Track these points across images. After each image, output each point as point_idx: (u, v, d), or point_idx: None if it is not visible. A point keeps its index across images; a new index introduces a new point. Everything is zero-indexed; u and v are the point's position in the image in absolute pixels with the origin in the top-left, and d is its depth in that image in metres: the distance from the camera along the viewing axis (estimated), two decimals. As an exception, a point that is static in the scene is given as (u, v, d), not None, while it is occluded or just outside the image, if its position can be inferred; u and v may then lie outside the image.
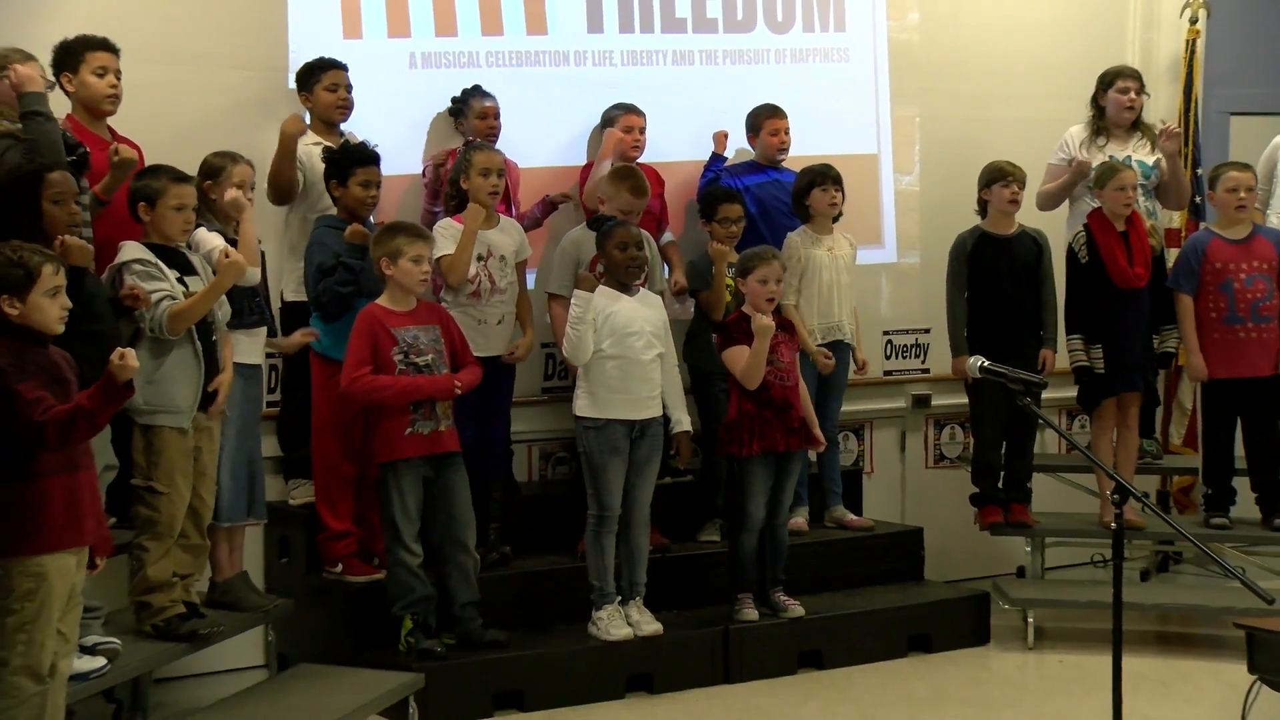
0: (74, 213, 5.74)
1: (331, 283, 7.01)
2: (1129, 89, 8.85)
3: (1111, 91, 8.87)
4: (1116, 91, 8.85)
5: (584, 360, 7.14)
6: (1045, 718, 6.92)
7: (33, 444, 4.77)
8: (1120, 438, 8.45)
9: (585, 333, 7.05)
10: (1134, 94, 8.87)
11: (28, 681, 4.92)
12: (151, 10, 7.47)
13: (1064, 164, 8.83)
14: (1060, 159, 8.89)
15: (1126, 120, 8.89)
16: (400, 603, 6.88)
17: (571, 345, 7.14)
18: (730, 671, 7.49)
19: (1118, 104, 8.85)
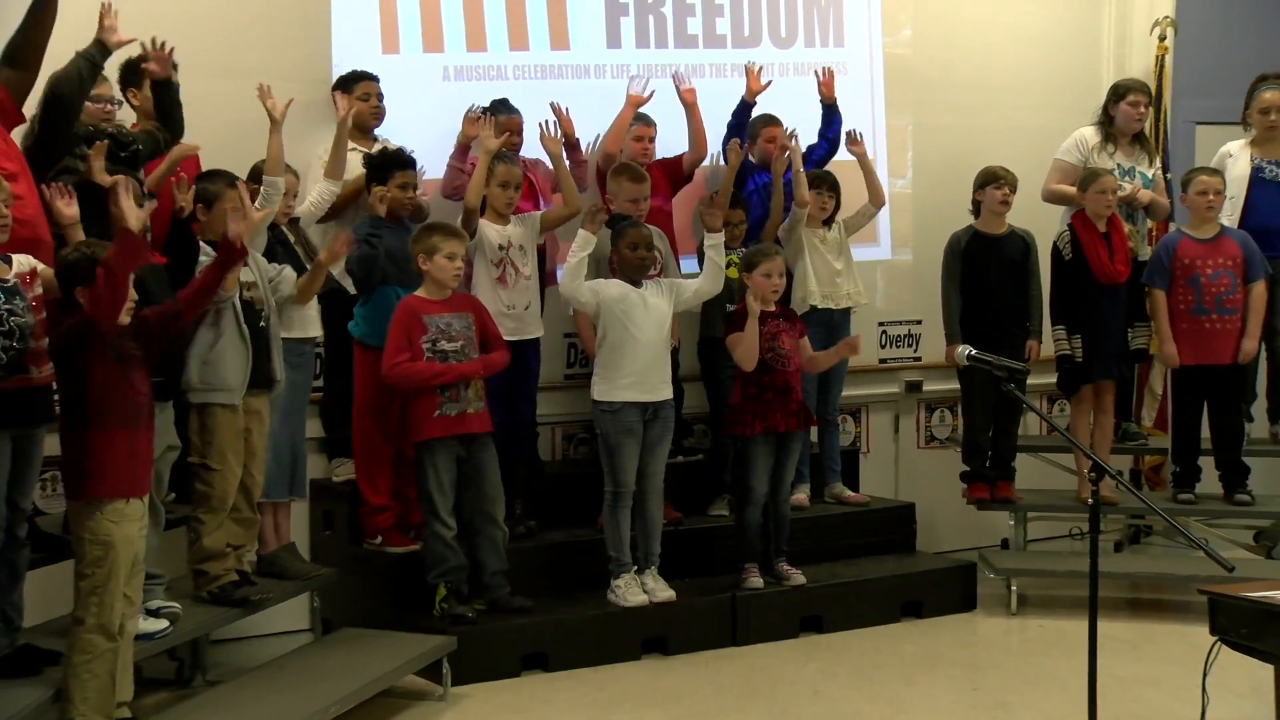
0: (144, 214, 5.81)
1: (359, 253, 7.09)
2: (1139, 102, 8.79)
3: (1123, 104, 8.80)
4: (1128, 104, 8.78)
5: (577, 294, 7.14)
6: (1027, 677, 6.89)
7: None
8: (1097, 421, 8.47)
9: (580, 264, 7.06)
10: (1143, 107, 8.82)
11: (101, 639, 5.01)
12: (209, 28, 7.48)
13: (1073, 162, 8.78)
14: (1071, 157, 8.85)
15: (1135, 130, 8.85)
16: (435, 571, 6.92)
17: (568, 273, 7.12)
18: (738, 635, 7.50)
19: (1128, 115, 8.79)
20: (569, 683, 6.90)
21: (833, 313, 8.28)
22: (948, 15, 9.80)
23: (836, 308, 8.29)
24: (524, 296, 7.49)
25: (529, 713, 6.47)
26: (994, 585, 8.31)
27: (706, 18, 9.00)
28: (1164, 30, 10.05)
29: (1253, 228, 8.55)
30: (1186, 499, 8.45)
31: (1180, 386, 8.59)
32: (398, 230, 7.18)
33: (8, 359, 5.19)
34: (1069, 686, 6.44)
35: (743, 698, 6.65)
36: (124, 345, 5.12)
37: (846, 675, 6.99)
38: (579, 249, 7.07)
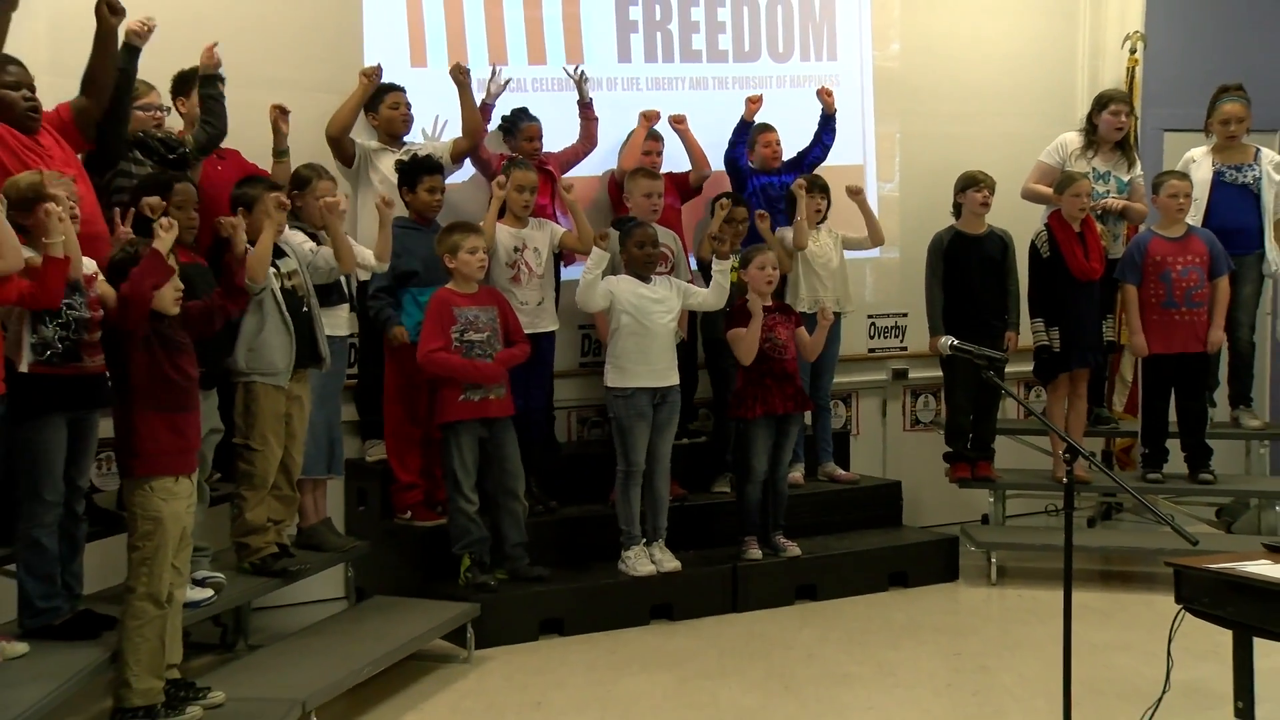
0: (192, 217, 5.84)
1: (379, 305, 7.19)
2: (1120, 111, 8.80)
3: (1105, 113, 8.80)
4: (1109, 113, 8.78)
5: (590, 306, 7.20)
6: (1006, 643, 6.88)
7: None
8: (1071, 406, 8.45)
9: (593, 284, 7.08)
10: (1124, 116, 8.82)
11: (151, 606, 5.01)
12: (253, 42, 7.47)
13: (1054, 165, 8.80)
14: (1052, 160, 8.87)
15: (1116, 138, 8.84)
16: (460, 543, 6.95)
17: (583, 288, 7.14)
18: (738, 602, 7.51)
19: (1109, 124, 8.79)
20: (583, 646, 6.91)
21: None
22: (933, 31, 9.78)
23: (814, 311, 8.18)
24: (537, 294, 7.50)
25: (546, 674, 6.46)
26: (975, 557, 8.32)
27: (710, 34, 8.99)
28: (1134, 44, 10.04)
29: (1214, 228, 8.54)
30: (1154, 478, 8.45)
31: (1149, 374, 8.56)
32: (425, 231, 7.18)
33: (64, 349, 5.21)
34: (1045, 651, 6.43)
35: (742, 660, 6.65)
36: (174, 333, 5.13)
37: (838, 640, 6.98)
38: (594, 266, 7.09)
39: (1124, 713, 5.37)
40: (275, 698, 5.35)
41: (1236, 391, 8.98)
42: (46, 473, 5.26)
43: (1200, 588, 4.76)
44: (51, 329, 5.17)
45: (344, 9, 7.92)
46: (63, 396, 5.24)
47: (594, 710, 5.93)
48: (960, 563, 8.30)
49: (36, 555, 5.33)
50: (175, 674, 5.18)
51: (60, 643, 5.27)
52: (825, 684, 6.26)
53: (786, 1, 9.22)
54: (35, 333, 5.12)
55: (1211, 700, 5.23)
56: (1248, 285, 8.71)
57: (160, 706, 5.04)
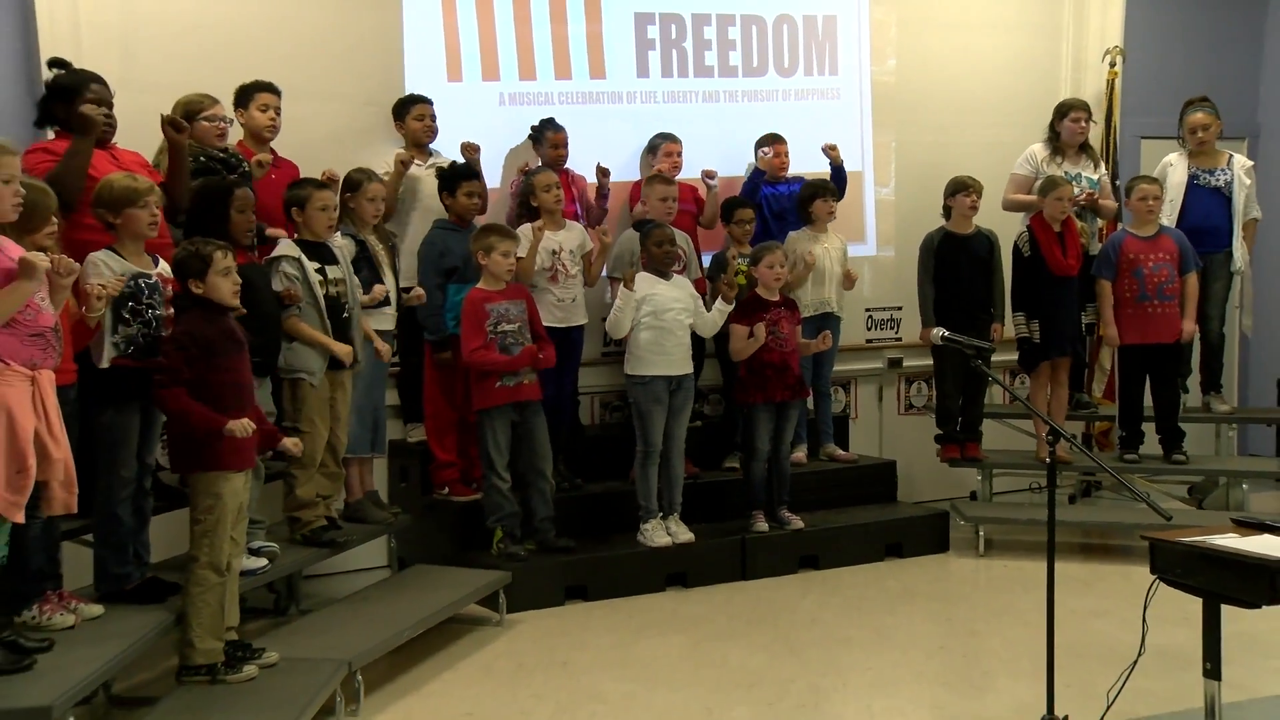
0: (250, 221, 5.85)
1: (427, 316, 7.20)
2: (1080, 118, 8.79)
3: (1066, 120, 8.79)
4: (1070, 120, 8.77)
5: (621, 334, 7.26)
6: (993, 610, 6.87)
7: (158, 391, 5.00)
8: (1053, 392, 8.43)
9: (624, 316, 7.14)
10: (1084, 122, 8.82)
11: (211, 574, 5.04)
12: (306, 60, 7.53)
13: (1028, 175, 8.78)
14: (1025, 170, 8.84)
15: (1078, 143, 8.83)
16: (493, 517, 6.97)
17: (613, 322, 7.24)
18: (746, 571, 7.51)
19: (1071, 130, 8.78)
20: (605, 610, 6.93)
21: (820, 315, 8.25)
22: (927, 47, 9.74)
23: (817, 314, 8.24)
24: (571, 291, 7.52)
25: (571, 635, 6.48)
26: (964, 531, 8.31)
27: (721, 51, 8.97)
28: (1114, 58, 9.99)
29: (1188, 227, 8.52)
30: (1131, 458, 8.44)
31: (1126, 362, 8.54)
32: (463, 233, 7.18)
33: (144, 343, 5.25)
34: (1029, 617, 6.45)
35: (750, 624, 6.65)
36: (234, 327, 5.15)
37: (838, 606, 6.99)
38: (624, 304, 7.15)
39: (1102, 674, 5.33)
40: (324, 658, 5.37)
41: (1207, 379, 8.95)
42: (123, 453, 5.32)
43: (1173, 559, 4.75)
44: (135, 326, 5.22)
45: (386, 30, 7.91)
46: (139, 386, 5.28)
47: (615, 669, 5.94)
48: (950, 535, 8.29)
49: (111, 527, 5.39)
50: (233, 635, 5.22)
51: (131, 606, 5.32)
52: (826, 646, 6.26)
53: (791, 21, 9.20)
54: (116, 332, 5.19)
55: (1182, 662, 5.23)
56: (1218, 281, 8.70)
57: (220, 665, 5.08)
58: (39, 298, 4.47)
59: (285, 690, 4.99)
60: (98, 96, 5.64)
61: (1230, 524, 5.00)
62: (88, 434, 5.21)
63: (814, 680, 5.74)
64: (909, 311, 9.09)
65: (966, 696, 5.51)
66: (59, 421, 4.54)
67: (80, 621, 5.07)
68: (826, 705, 5.42)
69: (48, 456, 4.45)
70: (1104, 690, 5.06)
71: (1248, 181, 8.72)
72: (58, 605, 5.07)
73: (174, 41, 7.10)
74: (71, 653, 4.75)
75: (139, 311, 5.24)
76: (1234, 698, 5.14)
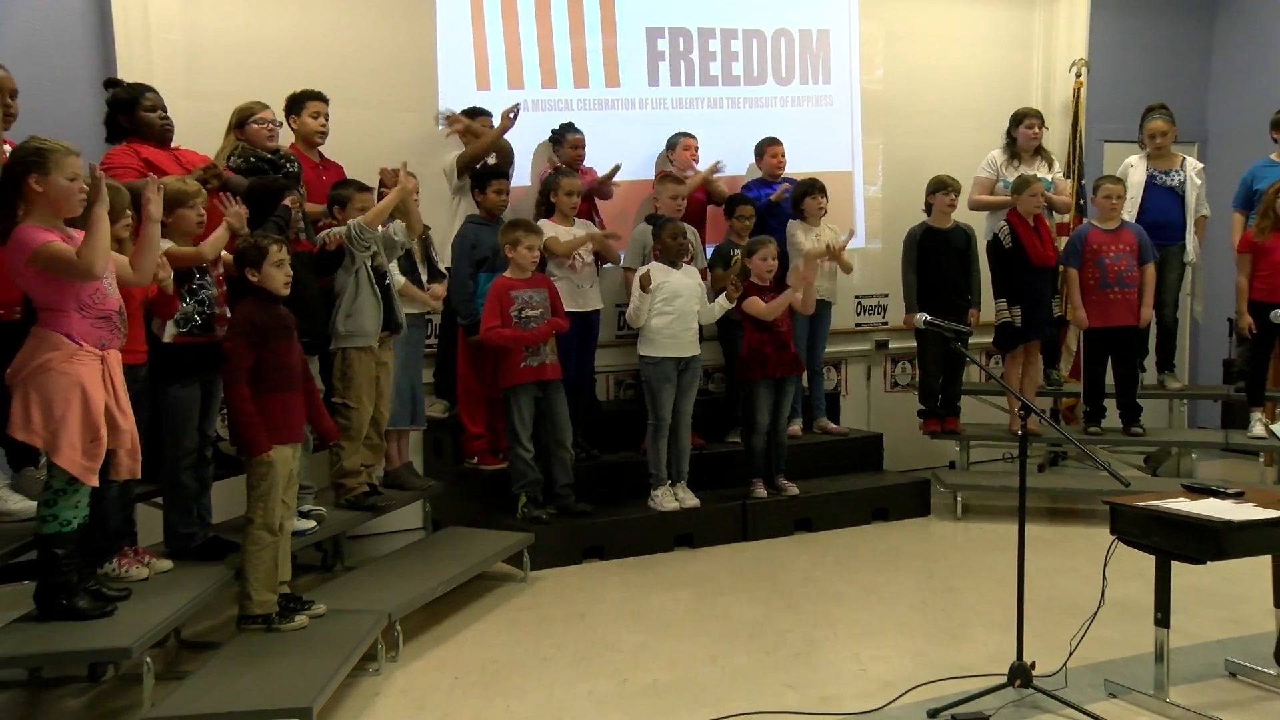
0: (298, 217, 5.88)
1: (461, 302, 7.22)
2: (1033, 125, 8.81)
3: (1020, 127, 8.82)
4: (1024, 127, 8.80)
5: (639, 324, 7.25)
6: (970, 567, 6.87)
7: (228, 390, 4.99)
8: (1025, 371, 8.45)
9: (642, 309, 7.16)
10: (1037, 129, 8.83)
11: (266, 534, 5.06)
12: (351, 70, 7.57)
13: (989, 177, 8.81)
14: (986, 174, 8.87)
15: (1032, 147, 8.84)
16: (518, 484, 7.00)
17: (632, 313, 7.26)
18: (747, 533, 7.52)
19: (1026, 136, 8.80)
20: (619, 568, 6.94)
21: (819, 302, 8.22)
22: (912, 59, 9.73)
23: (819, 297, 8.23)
24: (586, 279, 7.54)
25: (588, 590, 6.49)
26: (944, 497, 8.32)
27: (724, 62, 8.98)
28: (1080, 69, 9.99)
29: (1146, 222, 8.53)
30: (1094, 431, 8.46)
31: (1089, 345, 8.55)
32: (493, 226, 7.21)
33: (201, 321, 5.31)
34: (1002, 574, 6.45)
35: (750, 580, 6.66)
36: (285, 314, 5.18)
37: (830, 564, 6.99)
38: (639, 301, 7.19)
39: (1066, 624, 5.36)
40: (366, 609, 5.40)
41: (1162, 359, 8.99)
42: (186, 424, 5.37)
43: (1130, 521, 4.78)
44: (191, 305, 5.27)
45: (422, 44, 7.93)
46: (198, 362, 5.34)
47: (628, 621, 5.95)
48: (932, 501, 8.30)
49: (177, 491, 5.44)
50: (286, 589, 5.23)
51: (195, 562, 5.38)
52: (819, 601, 6.26)
53: (789, 34, 9.20)
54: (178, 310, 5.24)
55: (1137, 613, 5.25)
56: (1172, 271, 8.71)
57: (274, 615, 5.11)
58: (106, 283, 4.52)
59: (332, 638, 5.02)
60: (152, 103, 5.71)
61: (1181, 489, 5.04)
62: (156, 408, 5.27)
63: (808, 631, 5.75)
64: (894, 298, 9.12)
65: (945, 645, 5.51)
66: (125, 396, 4.60)
67: (153, 574, 5.14)
68: (819, 654, 5.43)
69: (116, 427, 4.51)
70: (1067, 639, 5.11)
71: (1199, 182, 8.74)
72: (134, 560, 5.14)
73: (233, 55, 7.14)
74: (146, 601, 4.82)
75: (194, 292, 5.30)
76: (1180, 643, 5.19)
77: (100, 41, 6.92)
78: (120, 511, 5.12)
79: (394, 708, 4.85)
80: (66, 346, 4.36)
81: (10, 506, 5.14)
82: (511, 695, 4.95)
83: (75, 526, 4.54)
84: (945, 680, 5.01)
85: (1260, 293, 8.14)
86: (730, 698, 4.86)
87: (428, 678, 5.19)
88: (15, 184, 4.32)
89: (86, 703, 5.02)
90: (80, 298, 4.39)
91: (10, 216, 4.32)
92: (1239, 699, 4.86)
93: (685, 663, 5.33)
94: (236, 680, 4.54)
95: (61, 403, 4.33)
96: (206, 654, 5.07)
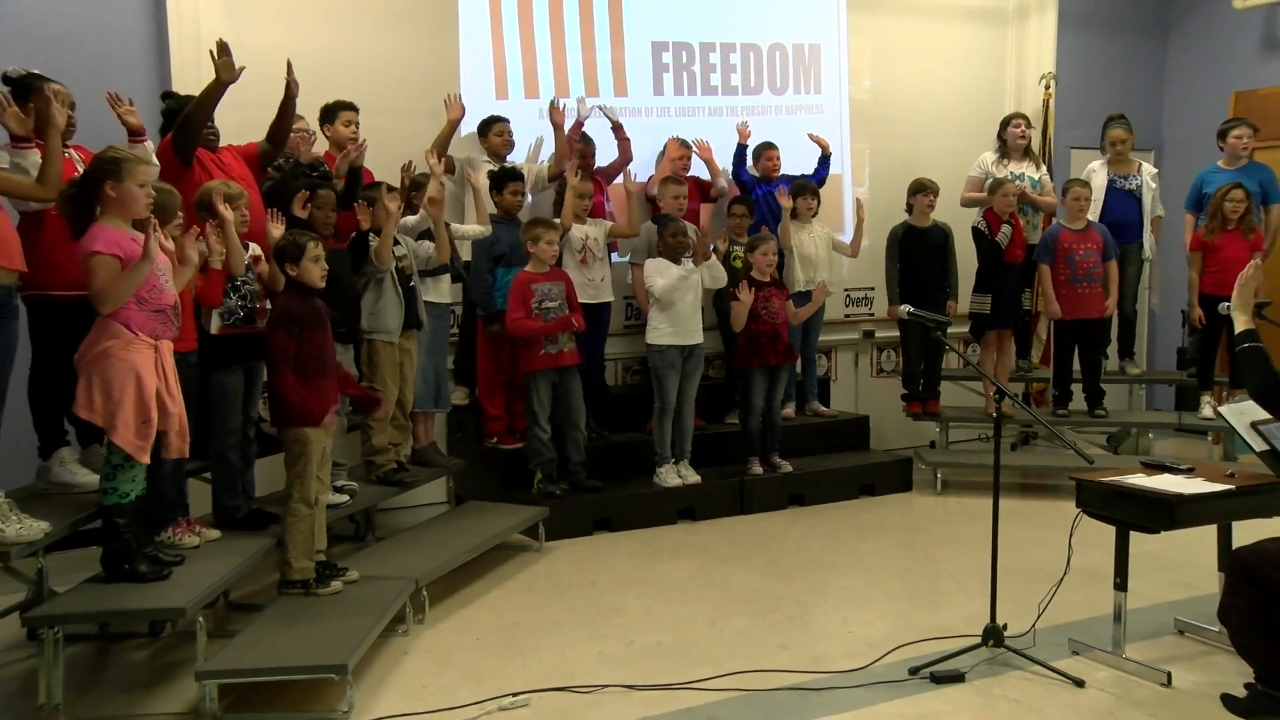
0: (330, 216, 5.91)
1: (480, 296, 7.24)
2: (1020, 125, 8.83)
3: (1009, 128, 8.84)
4: (1012, 127, 8.82)
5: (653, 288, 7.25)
6: (949, 537, 6.92)
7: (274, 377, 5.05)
8: (999, 358, 8.47)
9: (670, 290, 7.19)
10: (1024, 129, 8.84)
11: (303, 507, 5.10)
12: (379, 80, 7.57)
13: (979, 176, 8.83)
14: (977, 173, 8.88)
15: (1020, 147, 8.86)
16: (534, 461, 7.03)
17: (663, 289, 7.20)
18: (744, 506, 7.56)
19: (1014, 136, 8.81)
20: (626, 539, 6.97)
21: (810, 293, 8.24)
22: (896, 70, 9.73)
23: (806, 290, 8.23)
24: (598, 273, 7.53)
25: (599, 560, 6.53)
26: (925, 473, 8.35)
27: (724, 73, 8.97)
28: (1048, 82, 9.99)
29: (1107, 222, 8.56)
30: (1062, 413, 8.49)
31: (1058, 335, 8.57)
32: (511, 225, 7.22)
33: (244, 314, 5.35)
34: (978, 544, 6.52)
35: (747, 550, 6.70)
36: (321, 306, 5.20)
37: (821, 535, 7.03)
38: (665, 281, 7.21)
39: (1036, 589, 5.41)
40: (396, 576, 5.45)
41: (1122, 347, 9.00)
42: (231, 407, 5.41)
43: (1094, 495, 4.82)
44: (234, 300, 5.31)
45: (445, 57, 7.93)
46: (241, 351, 5.38)
47: (634, 587, 5.99)
48: (914, 477, 8.34)
49: (224, 468, 5.49)
50: (322, 557, 5.29)
51: (240, 532, 5.42)
52: (811, 569, 6.30)
53: (783, 48, 9.20)
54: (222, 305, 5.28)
55: (1099, 578, 5.27)
56: (1131, 267, 8.73)
57: (312, 580, 5.16)
58: (163, 280, 4.59)
59: (365, 601, 5.06)
60: None
61: (1139, 466, 5.08)
62: (204, 393, 5.31)
63: (800, 597, 5.79)
64: (880, 292, 9.10)
65: (925, 609, 5.56)
66: (175, 382, 4.65)
67: (203, 543, 5.19)
68: (810, 617, 5.47)
69: (166, 410, 4.57)
70: (1036, 602, 5.17)
71: (1154, 185, 8.79)
72: (186, 529, 5.18)
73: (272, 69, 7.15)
74: (197, 567, 4.87)
75: (237, 287, 5.33)
76: (1136, 605, 5.26)
77: (158, 59, 6.95)
78: (174, 485, 5.17)
79: (421, 665, 4.91)
80: (124, 335, 4.43)
81: (79, 479, 5.20)
82: (528, 654, 5.00)
83: (133, 499, 4.61)
84: (925, 641, 5.06)
85: (1209, 287, 8.17)
86: (728, 657, 4.91)
87: (451, 638, 5.24)
88: (94, 188, 4.49)
89: (148, 656, 5.13)
90: (139, 292, 4.45)
91: (88, 215, 4.49)
92: (1186, 653, 4.94)
93: (687, 625, 5.36)
94: (279, 639, 4.60)
95: (119, 387, 4.40)
96: (252, 615, 5.12)
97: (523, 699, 4.48)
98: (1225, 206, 8.11)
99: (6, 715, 4.46)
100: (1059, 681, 4.59)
